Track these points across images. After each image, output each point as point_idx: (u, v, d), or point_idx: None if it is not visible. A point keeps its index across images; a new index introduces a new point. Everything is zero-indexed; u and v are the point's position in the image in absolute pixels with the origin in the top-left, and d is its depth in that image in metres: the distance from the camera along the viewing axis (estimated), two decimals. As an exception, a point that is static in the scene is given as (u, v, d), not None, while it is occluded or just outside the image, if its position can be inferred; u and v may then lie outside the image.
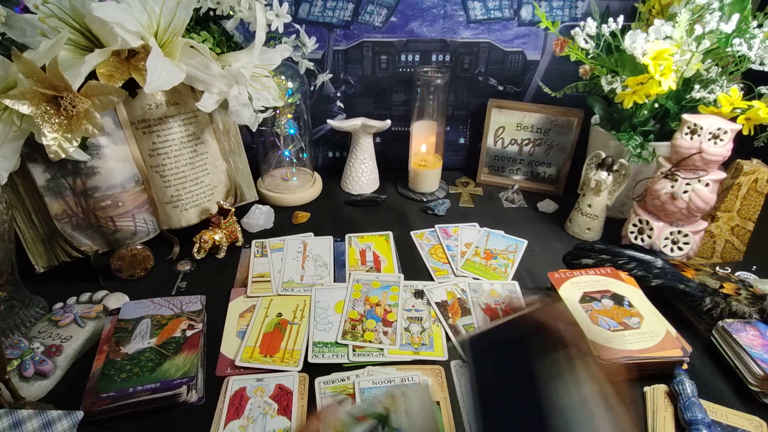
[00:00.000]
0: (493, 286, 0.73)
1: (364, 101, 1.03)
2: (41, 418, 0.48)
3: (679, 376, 0.55)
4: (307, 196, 0.97)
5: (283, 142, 0.94)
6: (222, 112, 0.79)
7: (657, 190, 0.74)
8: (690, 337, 0.62)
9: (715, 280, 0.65)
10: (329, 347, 0.62)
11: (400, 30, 0.95)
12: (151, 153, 0.73)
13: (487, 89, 1.01)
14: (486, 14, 0.93)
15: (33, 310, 0.64)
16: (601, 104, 0.88)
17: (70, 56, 0.61)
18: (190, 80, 0.67)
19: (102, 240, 0.73)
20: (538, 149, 1.00)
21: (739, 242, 0.78)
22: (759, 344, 0.57)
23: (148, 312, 0.63)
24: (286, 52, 0.80)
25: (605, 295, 0.65)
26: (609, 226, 0.87)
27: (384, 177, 1.05)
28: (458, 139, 1.09)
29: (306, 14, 0.92)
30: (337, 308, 0.68)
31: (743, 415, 0.53)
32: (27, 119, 0.58)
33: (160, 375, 0.54)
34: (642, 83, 0.72)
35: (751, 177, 0.74)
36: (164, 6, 0.62)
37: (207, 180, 0.80)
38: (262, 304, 0.69)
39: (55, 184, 0.66)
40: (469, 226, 0.89)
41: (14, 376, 0.54)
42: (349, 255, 0.80)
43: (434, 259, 0.80)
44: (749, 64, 0.71)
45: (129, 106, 0.68)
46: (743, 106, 0.70)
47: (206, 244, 0.77)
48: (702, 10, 0.72)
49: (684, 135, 0.70)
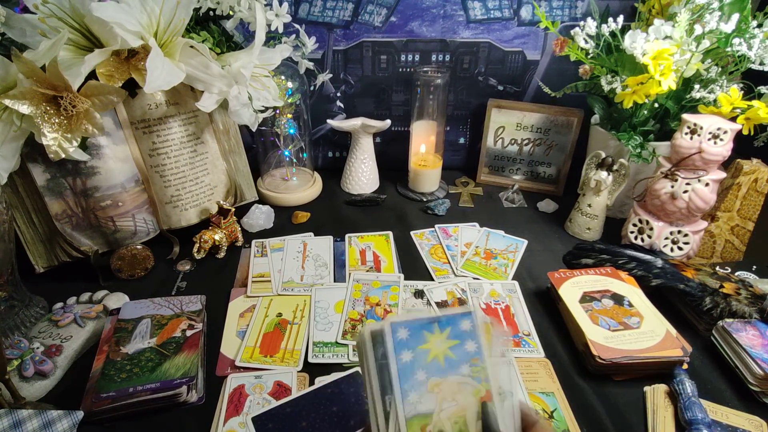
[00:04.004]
0: (493, 286, 0.73)
1: (364, 101, 1.03)
2: (41, 418, 0.48)
3: (679, 376, 0.55)
4: (307, 196, 0.97)
5: (283, 142, 0.94)
6: (222, 112, 0.79)
7: (657, 190, 0.74)
8: (690, 337, 0.62)
9: (715, 279, 0.65)
10: (329, 347, 0.62)
11: (400, 30, 0.95)
12: (151, 153, 0.73)
13: (487, 89, 1.01)
14: (486, 14, 0.93)
15: (33, 310, 0.64)
16: (601, 104, 0.88)
17: (70, 56, 0.61)
18: (190, 80, 0.67)
19: (102, 240, 0.73)
20: (538, 149, 1.00)
21: (739, 242, 0.78)
22: (759, 344, 0.57)
23: (148, 312, 0.63)
24: (286, 52, 0.80)
25: (605, 294, 0.66)
26: (609, 226, 0.87)
27: (384, 177, 1.05)
28: (458, 139, 1.09)
29: (306, 14, 0.92)
30: (337, 308, 0.68)
31: (743, 414, 0.53)
32: (27, 119, 0.58)
33: (160, 375, 0.54)
34: (642, 83, 0.72)
35: (751, 177, 0.74)
36: (164, 6, 0.62)
37: (207, 180, 0.80)
38: (262, 304, 0.69)
39: (55, 184, 0.66)
40: (469, 226, 0.89)
41: (14, 376, 0.54)
42: (349, 255, 0.80)
43: (434, 259, 0.80)
44: (749, 64, 0.71)
45: (129, 106, 0.68)
46: (743, 105, 0.70)
47: (206, 244, 0.77)
48: (702, 9, 0.72)
49: (684, 135, 0.70)
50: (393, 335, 0.38)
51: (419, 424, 0.36)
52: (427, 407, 0.37)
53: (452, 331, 0.39)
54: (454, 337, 0.39)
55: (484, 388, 0.38)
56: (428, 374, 0.37)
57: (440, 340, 0.39)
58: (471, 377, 0.38)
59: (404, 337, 0.38)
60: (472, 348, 0.39)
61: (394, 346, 0.38)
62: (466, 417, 0.37)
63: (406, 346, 0.38)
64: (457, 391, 0.37)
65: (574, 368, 0.60)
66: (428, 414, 0.37)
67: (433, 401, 0.37)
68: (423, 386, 0.37)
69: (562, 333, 0.65)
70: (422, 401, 0.37)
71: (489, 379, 0.38)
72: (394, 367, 0.37)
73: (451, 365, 0.38)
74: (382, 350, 0.38)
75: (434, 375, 0.38)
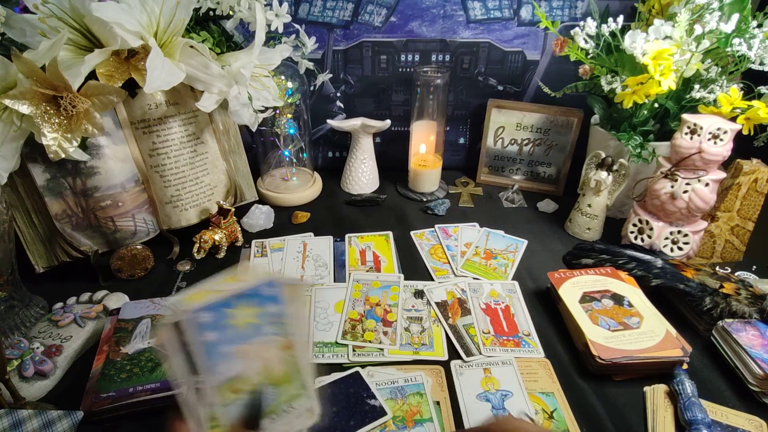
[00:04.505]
0: (493, 286, 0.73)
1: (364, 101, 1.03)
2: (41, 418, 0.48)
3: (679, 376, 0.55)
4: (307, 196, 0.97)
5: (283, 142, 0.94)
6: (222, 112, 0.79)
7: (657, 190, 0.74)
8: (690, 337, 0.62)
9: (715, 280, 0.65)
10: (329, 347, 0.62)
11: (400, 30, 0.95)
12: (151, 153, 0.73)
13: (487, 89, 1.01)
14: (486, 14, 0.93)
15: (33, 310, 0.64)
16: (600, 104, 0.88)
17: (70, 56, 0.61)
18: (189, 80, 0.67)
19: (102, 240, 0.73)
20: (537, 149, 1.00)
21: (739, 242, 0.78)
22: (759, 344, 0.57)
23: (148, 312, 0.63)
24: (285, 52, 0.80)
25: (605, 295, 0.66)
26: (609, 226, 0.87)
27: (384, 177, 1.05)
28: (458, 139, 1.09)
29: (306, 14, 0.92)
30: (337, 308, 0.68)
31: (743, 414, 0.53)
32: (27, 119, 0.58)
33: (160, 375, 0.54)
34: (642, 83, 0.72)
35: (751, 177, 0.74)
36: (164, 6, 0.62)
37: (207, 180, 0.80)
38: (262, 304, 0.69)
39: (55, 184, 0.66)
40: (469, 225, 0.89)
41: (14, 376, 0.54)
42: (349, 255, 0.80)
43: (434, 259, 0.80)
44: (749, 64, 0.71)
45: (129, 106, 0.68)
46: (743, 105, 0.70)
47: (206, 244, 0.77)
48: (702, 10, 0.72)
49: (684, 135, 0.70)
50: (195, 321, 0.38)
51: (229, 386, 0.39)
52: (235, 371, 0.39)
53: (254, 301, 0.41)
54: (257, 305, 0.41)
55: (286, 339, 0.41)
56: (234, 344, 0.39)
57: (243, 312, 0.40)
58: (274, 334, 0.41)
59: (207, 319, 0.39)
60: (274, 310, 0.41)
61: (198, 330, 0.38)
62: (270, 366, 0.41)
63: (209, 327, 0.39)
64: (262, 350, 0.40)
65: (574, 368, 0.60)
66: (237, 376, 0.39)
67: (240, 365, 0.39)
68: (230, 356, 0.39)
69: (562, 333, 0.65)
70: (231, 368, 0.39)
71: (291, 332, 0.42)
72: (200, 349, 0.38)
73: (255, 330, 0.40)
74: (186, 338, 0.38)
75: (239, 343, 0.39)
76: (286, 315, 0.42)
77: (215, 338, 0.38)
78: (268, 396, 0.41)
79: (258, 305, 0.41)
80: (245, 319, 0.40)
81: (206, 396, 0.38)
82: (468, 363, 0.60)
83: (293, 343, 0.42)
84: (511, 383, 0.57)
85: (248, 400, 0.40)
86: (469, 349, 0.62)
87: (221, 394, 0.39)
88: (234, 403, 0.39)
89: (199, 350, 0.38)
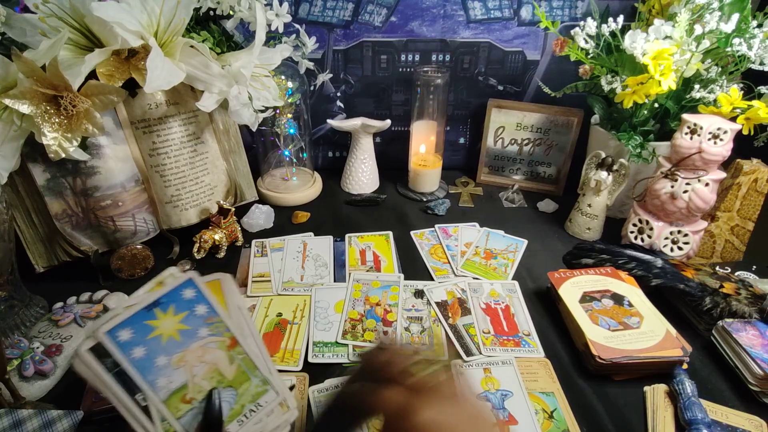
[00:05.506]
0: (493, 286, 0.73)
1: (364, 101, 1.03)
2: (41, 418, 0.48)
3: (679, 376, 0.55)
4: (307, 195, 0.97)
5: (283, 142, 0.94)
6: (222, 112, 0.79)
7: (657, 190, 0.74)
8: (690, 336, 0.62)
9: (715, 279, 0.65)
10: (329, 347, 0.62)
11: (400, 30, 0.95)
12: (151, 153, 0.73)
13: (487, 89, 1.01)
14: (486, 14, 0.93)
15: (33, 310, 0.64)
16: (601, 104, 0.88)
17: (70, 56, 0.61)
18: (190, 80, 0.67)
19: (102, 240, 0.73)
20: (538, 149, 1.00)
21: (739, 242, 0.78)
22: (759, 344, 0.57)
23: (148, 312, 0.63)
24: (286, 52, 0.80)
25: (605, 294, 0.66)
26: (609, 225, 0.87)
27: (384, 177, 1.05)
28: (458, 139, 1.09)
29: (306, 14, 0.92)
30: (337, 308, 0.68)
31: (743, 414, 0.53)
32: (27, 119, 0.58)
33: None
34: (642, 83, 0.72)
35: (751, 177, 0.74)
36: (164, 6, 0.62)
37: (207, 180, 0.80)
38: (262, 303, 0.69)
39: (55, 184, 0.66)
40: (469, 225, 0.89)
41: (14, 376, 0.54)
42: (349, 255, 0.80)
43: (434, 259, 0.80)
44: (749, 64, 0.71)
45: (129, 106, 0.68)
46: (743, 105, 0.70)
47: (206, 244, 0.77)
48: (702, 9, 0.72)
49: (684, 135, 0.70)
50: (114, 341, 0.37)
51: (178, 397, 0.38)
52: (179, 381, 0.38)
53: (177, 306, 0.40)
54: (182, 310, 0.40)
55: (228, 337, 0.41)
56: (169, 355, 0.39)
57: (168, 320, 0.39)
58: (212, 335, 0.40)
59: (128, 336, 0.37)
60: (203, 311, 0.40)
61: (121, 349, 0.37)
62: (219, 369, 0.40)
63: (133, 343, 0.37)
64: (202, 353, 0.40)
65: (574, 368, 0.60)
66: (183, 386, 0.39)
67: (183, 373, 0.39)
68: (168, 367, 0.38)
69: (562, 333, 0.65)
70: (173, 380, 0.38)
71: (230, 328, 0.41)
72: (130, 368, 0.37)
73: (188, 336, 0.40)
74: (111, 360, 0.37)
75: (175, 352, 0.39)
76: (219, 313, 0.41)
77: (144, 353, 0.38)
78: (227, 399, 0.40)
79: (183, 310, 0.40)
80: (173, 326, 0.39)
81: (154, 412, 0.37)
82: (468, 363, 0.60)
83: (237, 340, 0.41)
84: (511, 383, 0.57)
85: (203, 407, 0.39)
86: (469, 348, 0.62)
87: (171, 407, 0.38)
88: (188, 413, 0.38)
89: (131, 368, 0.37)
